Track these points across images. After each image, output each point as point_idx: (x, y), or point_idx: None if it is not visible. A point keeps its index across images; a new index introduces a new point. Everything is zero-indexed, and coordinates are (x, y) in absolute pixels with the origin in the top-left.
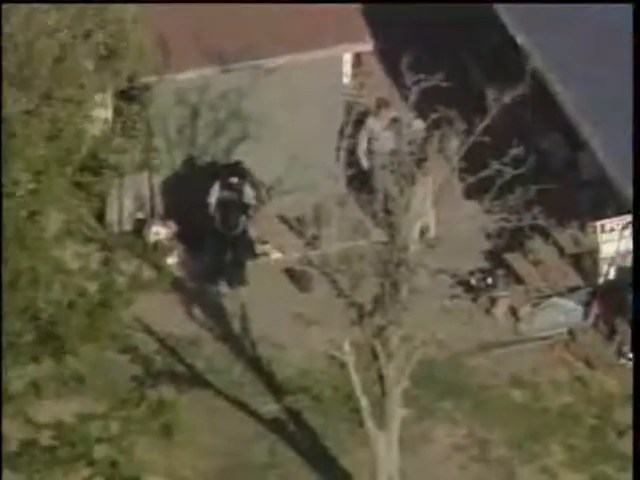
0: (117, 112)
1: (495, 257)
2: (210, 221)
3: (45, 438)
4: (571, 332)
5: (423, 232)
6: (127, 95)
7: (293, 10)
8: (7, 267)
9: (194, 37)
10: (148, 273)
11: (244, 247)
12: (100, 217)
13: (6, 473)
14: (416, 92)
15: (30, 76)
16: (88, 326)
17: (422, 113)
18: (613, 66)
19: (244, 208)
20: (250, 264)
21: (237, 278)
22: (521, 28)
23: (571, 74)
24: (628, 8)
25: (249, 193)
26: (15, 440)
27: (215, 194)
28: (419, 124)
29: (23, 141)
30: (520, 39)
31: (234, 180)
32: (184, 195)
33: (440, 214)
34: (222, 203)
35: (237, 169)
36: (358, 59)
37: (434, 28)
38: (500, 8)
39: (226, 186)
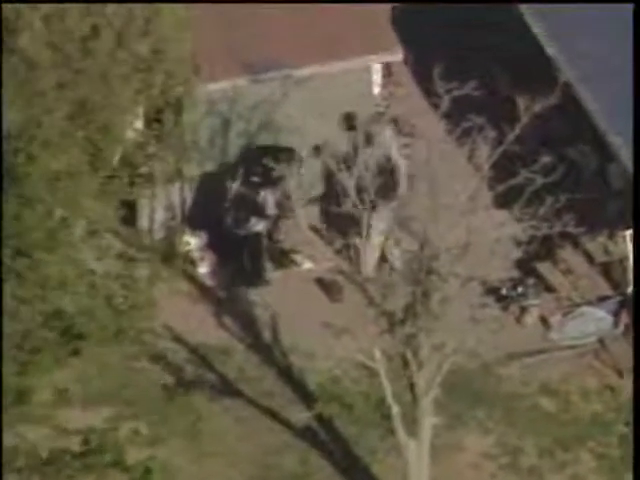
0: (149, 122)
1: (525, 265)
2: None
3: (75, 445)
4: (601, 341)
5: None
6: (160, 105)
7: (323, 21)
8: (36, 273)
9: (226, 48)
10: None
11: (260, 248)
12: (132, 224)
13: None
14: (447, 101)
15: (66, 81)
16: (114, 328)
17: (453, 121)
18: None
19: (258, 209)
20: (281, 273)
21: (258, 278)
22: (551, 38)
23: (600, 84)
24: None
25: (267, 196)
26: (44, 448)
27: (233, 190)
28: None
29: (57, 148)
30: (550, 50)
31: (255, 179)
32: (215, 204)
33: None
34: (238, 199)
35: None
36: (388, 69)
37: (465, 38)
38: (530, 18)
39: (246, 183)
